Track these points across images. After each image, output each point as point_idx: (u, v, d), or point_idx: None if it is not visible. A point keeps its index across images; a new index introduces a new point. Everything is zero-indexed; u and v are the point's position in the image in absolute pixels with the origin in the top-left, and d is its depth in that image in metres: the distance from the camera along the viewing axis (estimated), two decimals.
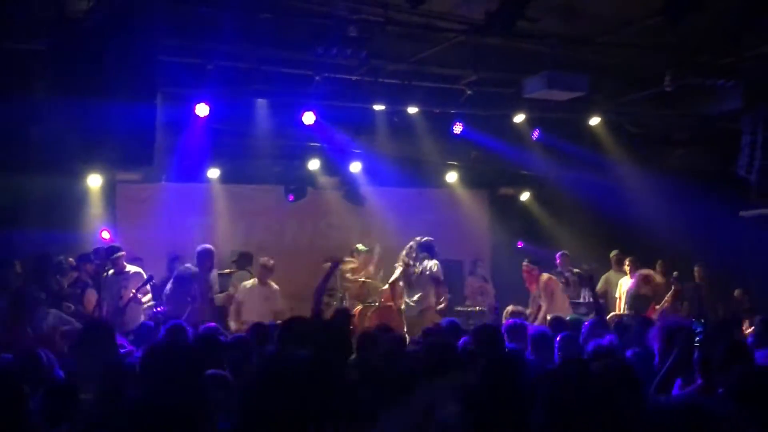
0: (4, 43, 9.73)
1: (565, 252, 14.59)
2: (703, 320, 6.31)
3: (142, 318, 11.18)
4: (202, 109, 12.06)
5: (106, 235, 13.43)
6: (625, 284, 13.31)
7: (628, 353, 6.27)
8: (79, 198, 13.34)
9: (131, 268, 11.65)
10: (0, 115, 9.62)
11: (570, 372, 3.36)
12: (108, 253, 11.61)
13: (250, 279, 12.75)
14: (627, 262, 13.49)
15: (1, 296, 6.09)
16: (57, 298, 10.83)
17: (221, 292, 12.71)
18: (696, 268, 13.51)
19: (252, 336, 7.40)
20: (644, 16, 10.11)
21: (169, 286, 11.81)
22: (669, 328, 5.63)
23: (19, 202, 11.92)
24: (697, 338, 5.75)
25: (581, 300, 13.77)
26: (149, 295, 11.79)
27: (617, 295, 13.44)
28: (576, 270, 14.42)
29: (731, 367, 4.48)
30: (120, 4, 9.23)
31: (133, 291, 11.24)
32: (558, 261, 14.49)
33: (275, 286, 12.58)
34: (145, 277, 11.51)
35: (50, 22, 9.34)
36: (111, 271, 11.54)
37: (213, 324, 8.43)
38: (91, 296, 11.49)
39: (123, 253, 11.69)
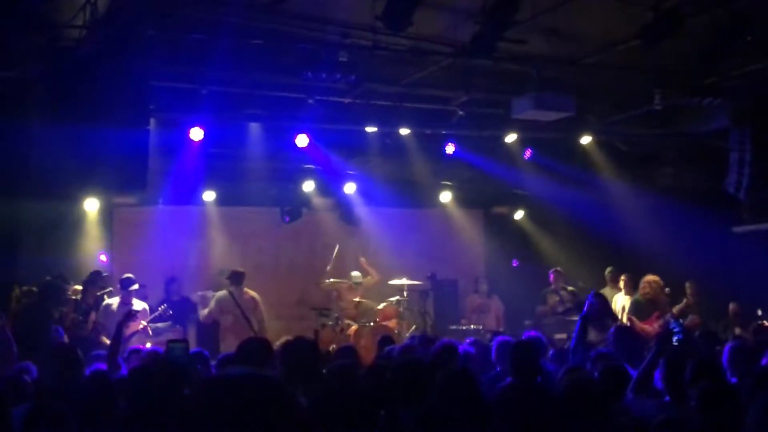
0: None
1: (559, 269, 14.68)
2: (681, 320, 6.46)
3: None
4: (196, 134, 12.23)
5: (103, 258, 13.61)
6: (619, 301, 13.36)
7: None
8: (77, 222, 13.48)
9: (138, 305, 11.78)
10: None
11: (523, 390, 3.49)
12: (124, 285, 11.74)
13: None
14: (622, 279, 13.50)
15: None
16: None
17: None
18: (687, 285, 13.61)
19: None
20: (630, 37, 10.24)
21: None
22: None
23: (16, 228, 12.05)
24: (675, 338, 5.87)
25: (576, 318, 13.84)
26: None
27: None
28: (570, 288, 14.53)
29: (699, 382, 4.62)
30: (113, 32, 9.40)
31: (143, 323, 11.47)
32: (551, 278, 14.58)
33: None
34: (149, 313, 11.77)
35: (44, 50, 9.51)
36: (116, 300, 11.71)
37: None
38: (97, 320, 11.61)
39: (137, 286, 11.85)
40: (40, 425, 4.19)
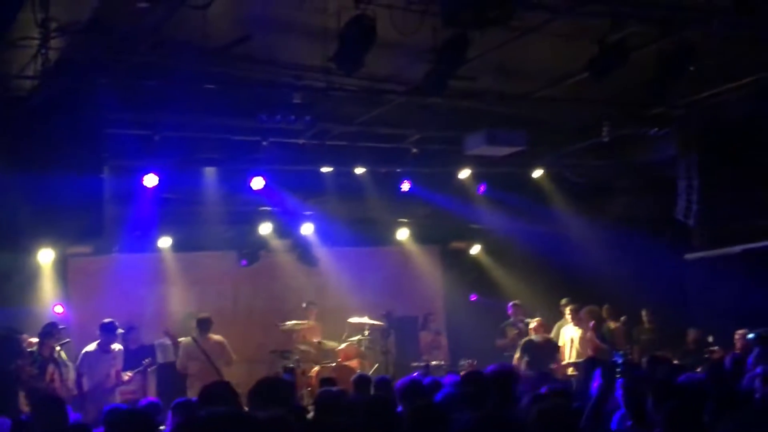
0: None
1: (517, 302, 14.80)
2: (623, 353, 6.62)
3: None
4: (150, 180, 12.18)
5: (59, 309, 13.41)
6: (567, 332, 13.53)
7: None
8: (31, 273, 13.27)
9: (115, 346, 11.69)
10: None
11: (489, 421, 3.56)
12: (108, 329, 11.64)
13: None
14: (568, 310, 13.67)
15: None
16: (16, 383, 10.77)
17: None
18: (644, 313, 13.81)
19: None
20: (577, 70, 10.46)
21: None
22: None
23: None
24: (618, 369, 6.00)
25: None
26: None
27: (561, 344, 13.58)
28: (528, 320, 14.62)
29: (661, 405, 4.71)
30: (65, 80, 9.38)
31: (129, 374, 11.61)
32: (510, 312, 14.68)
33: None
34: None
35: None
36: (94, 346, 11.57)
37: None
38: (54, 373, 11.42)
39: (122, 330, 11.85)
40: None
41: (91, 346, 11.60)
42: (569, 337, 13.45)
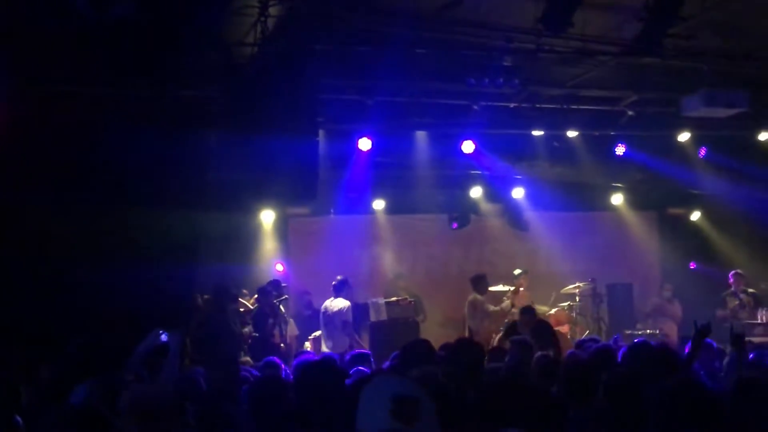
0: (179, 91, 10.48)
1: (739, 271, 14.13)
2: None
3: None
4: (364, 144, 12.54)
5: (279, 267, 14.08)
6: None
7: None
8: (254, 233, 14.00)
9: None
10: (177, 157, 10.36)
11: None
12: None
13: None
14: None
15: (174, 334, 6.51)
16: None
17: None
18: None
19: None
20: None
21: None
22: None
23: (198, 239, 12.59)
24: None
25: (758, 321, 13.30)
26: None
27: None
28: (751, 290, 13.96)
29: None
30: (283, 47, 9.77)
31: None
32: (731, 281, 14.05)
33: None
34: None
35: (219, 68, 9.98)
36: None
37: None
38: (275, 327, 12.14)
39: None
40: (211, 424, 4.47)
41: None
42: None
